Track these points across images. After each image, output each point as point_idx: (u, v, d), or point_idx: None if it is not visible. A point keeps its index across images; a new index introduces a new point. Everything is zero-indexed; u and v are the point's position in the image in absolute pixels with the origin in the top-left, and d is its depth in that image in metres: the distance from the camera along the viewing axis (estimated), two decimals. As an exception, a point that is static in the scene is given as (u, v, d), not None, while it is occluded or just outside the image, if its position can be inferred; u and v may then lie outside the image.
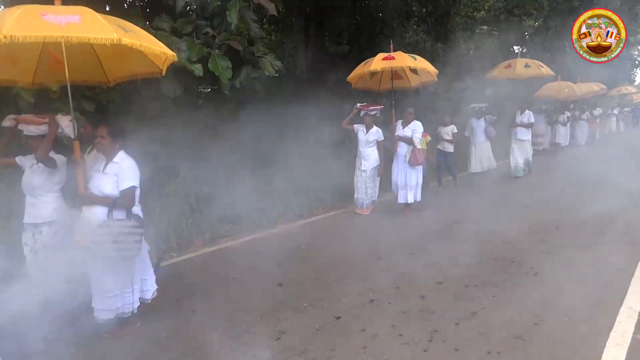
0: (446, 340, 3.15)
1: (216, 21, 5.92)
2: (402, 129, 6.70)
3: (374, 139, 6.73)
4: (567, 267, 4.47)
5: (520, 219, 6.36)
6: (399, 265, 4.66)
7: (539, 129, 13.65)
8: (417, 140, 6.54)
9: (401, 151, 6.69)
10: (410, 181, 6.70)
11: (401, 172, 6.74)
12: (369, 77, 7.00)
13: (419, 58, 6.45)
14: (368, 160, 6.75)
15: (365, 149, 6.75)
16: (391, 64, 6.11)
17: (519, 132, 9.89)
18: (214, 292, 4.11)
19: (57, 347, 3.15)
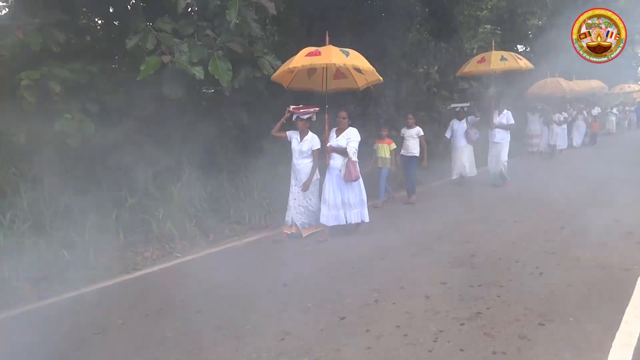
0: (451, 340, 3.14)
1: (217, 22, 5.93)
2: (335, 137, 5.63)
3: (308, 148, 5.56)
4: (572, 267, 4.45)
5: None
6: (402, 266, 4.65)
7: (533, 129, 13.22)
8: (352, 151, 5.48)
9: (334, 164, 5.57)
10: (349, 199, 5.64)
11: (334, 188, 5.60)
12: (308, 76, 5.93)
13: (353, 53, 5.38)
14: (302, 174, 5.61)
15: (298, 160, 5.60)
16: (314, 60, 5.09)
17: (496, 134, 8.91)
18: (218, 293, 4.11)
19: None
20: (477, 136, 8.88)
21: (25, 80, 4.72)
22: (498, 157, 8.87)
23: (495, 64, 8.48)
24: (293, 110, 5.55)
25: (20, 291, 4.17)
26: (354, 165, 5.49)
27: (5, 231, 4.53)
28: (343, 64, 5.28)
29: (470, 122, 8.93)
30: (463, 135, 8.92)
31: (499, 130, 8.87)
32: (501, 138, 8.87)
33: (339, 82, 6.17)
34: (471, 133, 8.85)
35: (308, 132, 5.62)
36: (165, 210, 5.66)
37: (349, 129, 5.65)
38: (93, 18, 6.98)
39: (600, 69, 16.61)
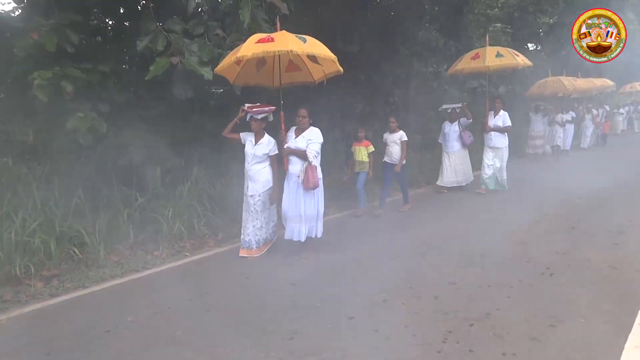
0: (460, 341, 3.12)
1: (227, 21, 5.95)
2: (294, 138, 4.92)
3: (263, 152, 4.93)
4: (583, 268, 4.40)
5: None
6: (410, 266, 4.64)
7: (536, 130, 12.57)
8: (312, 154, 4.75)
9: (293, 170, 4.88)
10: (306, 210, 4.89)
11: (292, 198, 4.91)
12: (256, 70, 4.98)
13: (310, 40, 4.64)
14: (257, 182, 4.95)
15: (252, 165, 4.95)
16: (267, 47, 4.32)
17: (492, 137, 8.13)
18: (227, 292, 4.13)
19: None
20: (471, 139, 8.33)
21: (38, 80, 4.78)
22: (495, 164, 8.14)
23: (490, 61, 7.80)
24: (248, 109, 4.91)
25: (33, 289, 4.22)
26: (314, 170, 4.75)
27: (17, 229, 4.58)
28: (302, 51, 4.43)
29: (463, 125, 8.34)
30: (456, 139, 8.32)
31: (496, 134, 8.07)
32: (500, 143, 8.10)
33: (293, 75, 5.36)
34: (465, 136, 8.26)
35: (264, 135, 4.98)
36: (174, 210, 5.69)
37: (309, 129, 4.94)
38: (104, 19, 7.04)
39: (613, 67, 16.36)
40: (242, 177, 6.62)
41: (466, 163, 8.52)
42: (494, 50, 8.00)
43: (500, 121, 8.07)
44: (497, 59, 7.78)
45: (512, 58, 7.90)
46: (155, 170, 5.94)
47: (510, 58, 7.89)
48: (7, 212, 4.73)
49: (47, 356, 3.12)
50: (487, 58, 7.77)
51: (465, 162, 8.50)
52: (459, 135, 8.27)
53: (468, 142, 8.31)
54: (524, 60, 8.09)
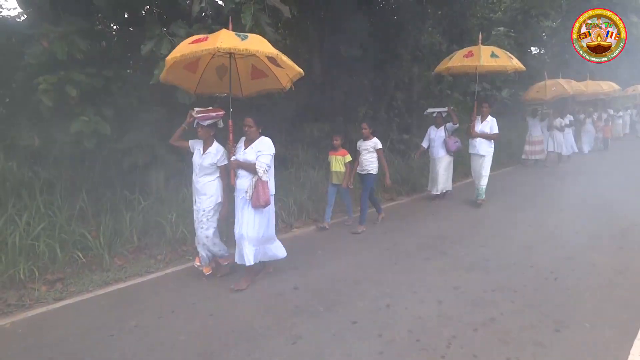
0: (464, 346, 3.10)
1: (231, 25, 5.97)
2: (243, 149, 4.33)
3: (210, 162, 4.38)
4: (588, 272, 4.38)
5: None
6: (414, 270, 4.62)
7: (535, 135, 11.94)
8: (262, 168, 4.11)
9: (241, 185, 4.27)
10: (256, 231, 4.26)
11: (240, 216, 4.31)
12: (219, 78, 4.71)
13: (253, 38, 4.08)
14: (204, 196, 4.42)
15: (199, 177, 4.44)
16: (197, 47, 3.86)
17: (477, 144, 7.48)
18: (230, 296, 4.13)
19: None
20: (458, 145, 7.76)
21: (44, 85, 4.80)
22: (480, 171, 7.53)
23: (485, 60, 7.24)
24: (198, 115, 4.40)
25: (37, 293, 4.23)
26: (264, 186, 4.15)
27: (21, 233, 4.60)
28: (234, 48, 3.84)
29: (449, 130, 7.82)
30: (441, 144, 7.81)
31: (482, 141, 7.47)
32: (484, 150, 7.45)
33: (260, 82, 4.90)
34: (450, 142, 7.72)
35: (213, 143, 4.48)
36: (177, 214, 5.70)
37: (259, 139, 4.32)
38: (108, 24, 7.08)
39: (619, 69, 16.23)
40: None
41: (449, 171, 8.03)
42: (489, 49, 7.47)
43: (488, 127, 7.47)
44: (492, 59, 7.26)
45: (507, 60, 7.42)
46: (158, 174, 5.95)
47: (505, 60, 7.40)
48: (11, 216, 4.74)
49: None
50: (482, 57, 7.24)
51: (448, 170, 7.99)
52: (443, 141, 7.77)
53: (453, 149, 7.76)
54: (517, 64, 7.61)
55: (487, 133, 7.44)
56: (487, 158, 7.50)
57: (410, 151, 10.62)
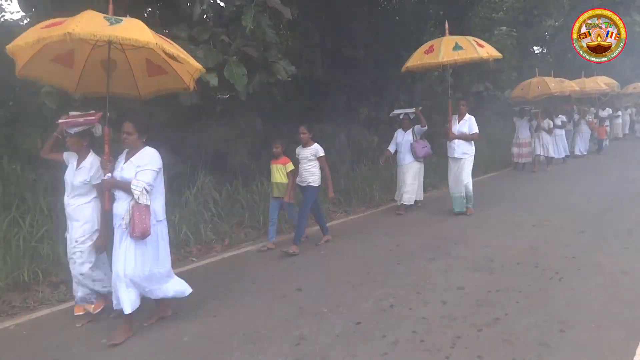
0: (469, 347, 3.08)
1: (232, 27, 5.98)
2: (123, 163, 3.45)
3: (83, 180, 3.56)
4: (593, 273, 4.35)
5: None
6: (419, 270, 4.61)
7: (522, 137, 11.21)
8: (139, 189, 3.26)
9: (117, 209, 3.38)
10: (131, 269, 3.30)
11: (116, 248, 3.38)
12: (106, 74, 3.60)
13: (129, 22, 3.21)
14: (77, 221, 3.59)
15: (70, 198, 3.63)
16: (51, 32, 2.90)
17: (455, 146, 6.79)
18: (234, 297, 4.12)
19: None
20: (427, 151, 7.06)
21: (47, 87, 4.81)
22: (459, 176, 6.82)
23: (447, 55, 6.18)
24: (60, 121, 3.62)
25: (41, 295, 4.24)
26: (142, 212, 3.25)
27: (25, 235, 4.61)
28: (92, 34, 2.91)
29: (417, 133, 7.08)
30: (409, 150, 7.06)
31: (460, 143, 6.77)
32: (462, 152, 6.78)
33: (159, 80, 4.01)
34: (417, 147, 6.96)
35: (87, 156, 3.62)
36: (181, 215, 5.70)
37: (141, 150, 3.44)
38: (110, 26, 7.09)
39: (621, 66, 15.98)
40: (250, 182, 6.46)
41: (418, 179, 7.29)
42: (451, 41, 6.37)
43: (466, 127, 6.79)
44: (455, 52, 6.17)
45: (473, 51, 6.25)
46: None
47: (471, 51, 6.25)
48: (15, 218, 4.75)
49: (55, 362, 3.12)
50: (442, 52, 6.20)
51: (417, 178, 7.24)
52: (411, 146, 7.02)
53: (421, 154, 7.00)
54: (489, 52, 6.44)
55: (466, 133, 6.78)
56: (468, 160, 6.81)
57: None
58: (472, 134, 6.80)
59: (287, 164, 5.49)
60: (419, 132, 7.09)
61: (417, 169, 7.20)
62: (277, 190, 5.58)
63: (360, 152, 9.34)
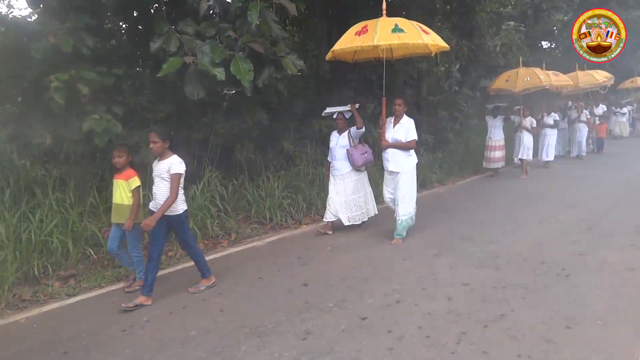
0: (474, 342, 3.09)
1: (238, 23, 5.98)
2: None
3: None
4: (600, 269, 4.34)
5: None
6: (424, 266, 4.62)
7: (495, 139, 9.80)
8: None
9: None
10: None
11: None
12: None
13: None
14: None
15: None
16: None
17: (390, 157, 5.40)
18: (240, 292, 4.15)
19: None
20: (367, 157, 5.71)
21: (55, 82, 4.84)
22: (395, 195, 5.46)
23: (383, 38, 4.81)
24: None
25: (50, 289, 4.29)
26: None
27: (35, 230, 4.66)
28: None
29: (354, 137, 5.76)
30: (345, 157, 5.72)
31: (395, 153, 5.36)
32: (400, 165, 5.36)
33: None
34: (355, 154, 5.62)
35: None
36: (188, 210, 5.73)
37: None
38: (117, 22, 7.13)
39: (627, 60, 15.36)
40: (256, 177, 6.45)
41: (363, 191, 5.95)
42: (390, 22, 5.06)
43: (402, 133, 5.33)
44: (395, 34, 4.81)
45: (417, 35, 4.91)
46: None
47: (414, 35, 4.90)
48: (25, 213, 4.81)
49: (65, 355, 3.17)
50: (377, 34, 4.82)
51: (361, 190, 5.91)
52: (347, 153, 5.70)
53: (359, 162, 5.65)
54: (436, 41, 5.12)
55: (401, 142, 5.33)
56: (406, 176, 5.36)
57: (419, 147, 10.57)
58: (409, 141, 5.33)
59: (131, 179, 4.21)
60: (355, 136, 5.78)
61: (357, 179, 5.86)
62: (115, 215, 4.22)
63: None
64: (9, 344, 3.37)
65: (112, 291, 4.33)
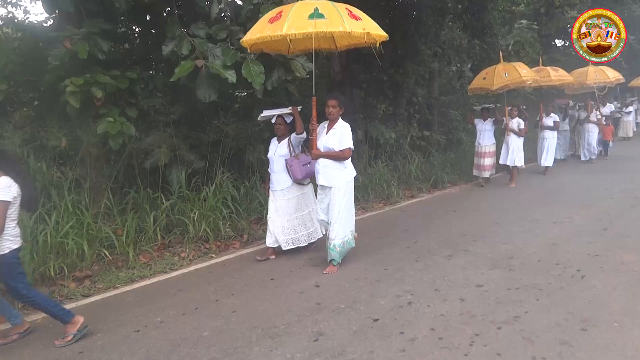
0: (488, 344, 3.07)
1: (249, 26, 6.01)
2: None
3: None
4: (616, 270, 4.26)
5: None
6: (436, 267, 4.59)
7: (485, 144, 8.78)
8: None
9: None
10: None
11: None
12: None
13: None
14: None
15: None
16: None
17: (321, 169, 4.53)
18: (252, 293, 4.17)
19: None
20: (310, 169, 4.79)
21: (71, 87, 4.93)
22: (329, 214, 4.57)
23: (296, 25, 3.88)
24: None
25: (66, 289, 4.36)
26: None
27: (51, 231, 4.74)
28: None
29: (294, 145, 4.91)
30: (283, 168, 4.89)
31: (327, 163, 4.51)
32: (333, 179, 4.51)
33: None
34: (295, 165, 4.77)
35: None
36: (199, 212, 5.78)
37: None
38: (131, 26, 7.22)
39: None
40: (266, 179, 6.46)
41: (307, 208, 5.06)
42: (309, 6, 4.03)
43: (335, 140, 4.47)
44: (311, 21, 3.86)
45: (338, 22, 3.91)
46: (180, 173, 6.05)
47: (335, 22, 3.91)
48: (41, 214, 4.89)
49: (80, 354, 3.22)
50: (289, 19, 3.90)
51: (304, 207, 5.04)
52: (286, 164, 4.87)
53: (300, 175, 4.79)
54: (367, 28, 4.12)
55: (334, 151, 4.47)
56: (339, 192, 4.50)
57: (431, 148, 10.52)
58: (342, 150, 4.47)
59: None
60: (296, 143, 4.89)
61: (300, 195, 5.00)
62: None
63: (378, 148, 9.31)
64: (25, 344, 3.42)
65: (126, 292, 4.38)
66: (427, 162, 9.68)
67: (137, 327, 3.58)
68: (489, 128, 8.84)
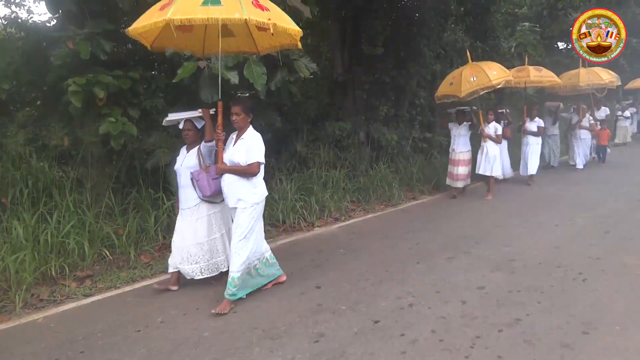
0: (489, 347, 3.06)
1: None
2: None
3: None
4: (618, 273, 4.25)
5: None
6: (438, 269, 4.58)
7: (459, 150, 7.99)
8: None
9: None
10: None
11: None
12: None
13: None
14: None
15: None
16: None
17: (226, 186, 3.84)
18: (253, 294, 4.16)
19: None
20: (219, 185, 3.95)
21: (73, 86, 4.94)
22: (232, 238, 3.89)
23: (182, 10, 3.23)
24: None
25: (67, 289, 4.36)
26: None
27: (52, 231, 4.74)
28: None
29: (204, 155, 4.12)
30: (190, 184, 4.05)
31: (232, 180, 3.82)
32: (236, 198, 3.83)
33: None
34: (203, 179, 3.96)
35: None
36: (201, 212, 5.77)
37: None
38: (133, 26, 7.22)
39: None
40: (269, 179, 6.53)
41: (220, 231, 4.23)
42: None
43: (242, 152, 3.81)
44: (204, 8, 3.25)
45: (235, 9, 3.28)
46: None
47: (231, 9, 3.28)
48: (43, 214, 4.90)
49: (82, 354, 3.22)
50: (174, 5, 3.26)
51: (217, 230, 4.20)
52: (191, 177, 4.03)
53: (209, 191, 3.98)
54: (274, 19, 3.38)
55: (240, 165, 3.80)
56: (244, 213, 3.80)
57: (433, 149, 10.51)
58: (249, 165, 3.79)
59: None
60: (207, 153, 4.11)
61: (211, 215, 4.14)
62: None
63: (380, 150, 9.31)
64: (27, 342, 3.43)
65: (127, 292, 4.38)
66: (428, 164, 9.68)
67: (137, 327, 3.58)
68: (464, 133, 8.01)
